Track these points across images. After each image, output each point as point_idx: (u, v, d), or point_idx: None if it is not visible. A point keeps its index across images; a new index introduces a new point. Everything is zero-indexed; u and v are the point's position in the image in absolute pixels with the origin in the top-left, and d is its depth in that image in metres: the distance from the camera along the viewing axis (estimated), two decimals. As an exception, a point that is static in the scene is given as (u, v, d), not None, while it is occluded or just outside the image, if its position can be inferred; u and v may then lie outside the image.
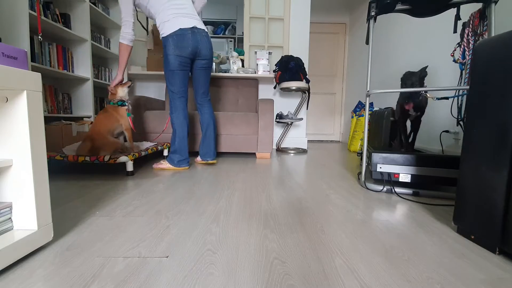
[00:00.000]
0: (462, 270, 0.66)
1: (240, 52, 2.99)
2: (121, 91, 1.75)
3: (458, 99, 1.53)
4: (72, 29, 2.34)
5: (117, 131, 1.74)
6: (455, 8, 1.40)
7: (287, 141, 3.21)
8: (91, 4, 2.41)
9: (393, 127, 1.88)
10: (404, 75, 1.56)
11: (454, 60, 1.52)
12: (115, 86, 1.72)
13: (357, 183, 1.55)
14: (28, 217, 0.68)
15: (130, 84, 1.79)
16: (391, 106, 2.08)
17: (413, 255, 0.73)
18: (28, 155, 0.65)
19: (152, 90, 3.14)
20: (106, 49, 2.70)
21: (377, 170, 1.37)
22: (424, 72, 1.50)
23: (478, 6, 1.38)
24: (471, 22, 1.41)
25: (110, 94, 1.74)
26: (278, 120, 2.91)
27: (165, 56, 1.68)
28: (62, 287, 0.57)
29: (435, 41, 2.36)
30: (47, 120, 2.10)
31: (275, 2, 3.11)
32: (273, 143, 3.16)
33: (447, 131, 2.14)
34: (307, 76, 2.80)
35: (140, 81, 3.12)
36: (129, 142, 1.78)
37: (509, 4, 1.68)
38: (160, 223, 0.91)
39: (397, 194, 1.32)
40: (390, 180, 1.36)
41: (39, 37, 1.87)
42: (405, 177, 1.34)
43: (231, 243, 0.78)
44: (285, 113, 3.17)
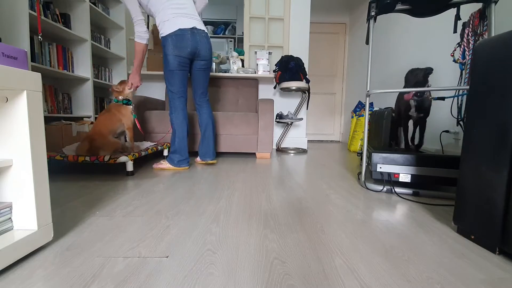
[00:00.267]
0: (462, 270, 0.66)
1: (240, 52, 2.99)
2: (128, 90, 1.76)
3: (458, 99, 1.53)
4: (72, 29, 2.34)
5: (119, 130, 1.73)
6: (455, 8, 1.40)
7: (287, 141, 3.21)
8: (91, 4, 2.41)
9: (393, 127, 1.88)
10: (409, 71, 1.57)
11: (454, 60, 1.52)
12: (121, 85, 1.73)
13: (357, 183, 1.55)
14: (28, 217, 0.68)
15: (139, 85, 1.81)
16: (391, 106, 2.08)
17: (413, 255, 0.73)
18: (28, 155, 0.65)
19: (152, 90, 3.14)
20: (106, 49, 2.70)
21: (377, 170, 1.37)
22: (429, 69, 1.51)
23: (478, 6, 1.38)
24: (471, 22, 1.41)
25: (115, 92, 1.73)
26: (278, 120, 2.91)
27: (164, 56, 1.68)
28: (62, 287, 0.57)
29: (435, 41, 2.36)
30: (47, 120, 2.10)
31: (275, 2, 3.11)
32: (273, 143, 3.16)
33: (447, 131, 2.14)
34: (307, 76, 2.80)
35: (140, 81, 3.13)
36: (129, 142, 1.78)
37: (509, 4, 1.68)
38: (160, 223, 0.91)
39: (397, 194, 1.32)
40: (390, 180, 1.36)
41: (39, 37, 1.87)
42: (405, 177, 1.34)
43: (231, 243, 0.78)
44: (285, 113, 3.17)
